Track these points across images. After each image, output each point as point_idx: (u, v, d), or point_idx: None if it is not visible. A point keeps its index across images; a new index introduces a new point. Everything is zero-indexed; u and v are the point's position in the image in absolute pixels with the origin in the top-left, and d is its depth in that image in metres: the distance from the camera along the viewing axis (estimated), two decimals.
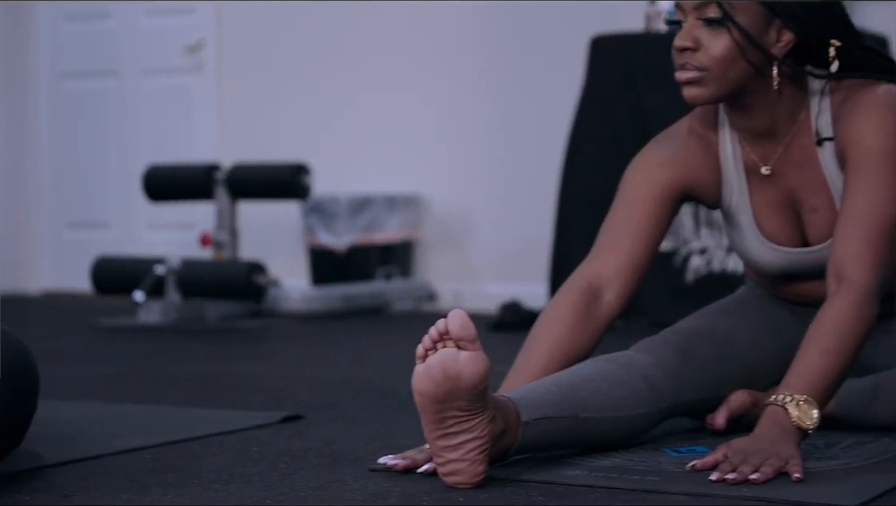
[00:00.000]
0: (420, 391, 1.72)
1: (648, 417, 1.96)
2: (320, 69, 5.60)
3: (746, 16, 1.92)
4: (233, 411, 2.49)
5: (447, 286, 5.28)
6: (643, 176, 2.07)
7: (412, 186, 5.38)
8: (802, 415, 1.77)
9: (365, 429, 2.26)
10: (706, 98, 1.96)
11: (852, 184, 1.92)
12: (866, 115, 1.94)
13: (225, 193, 4.83)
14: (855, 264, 1.87)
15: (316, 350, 3.87)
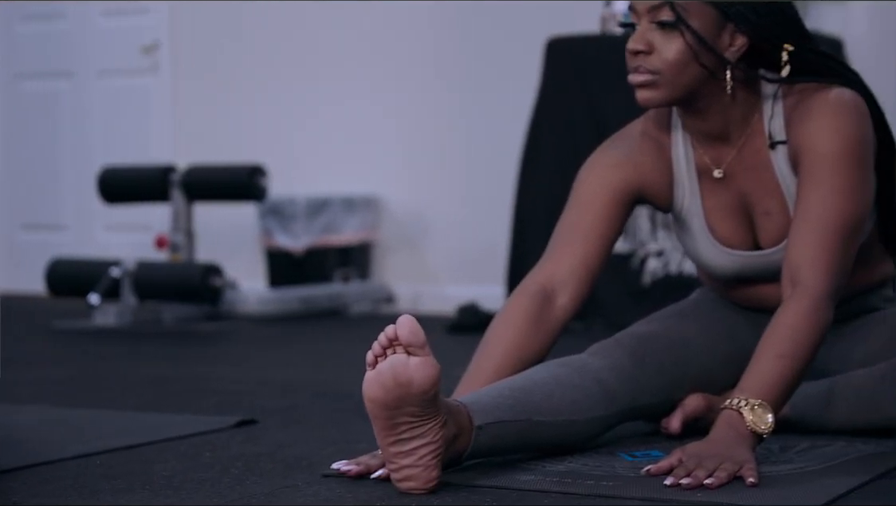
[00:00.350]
0: (371, 398, 1.71)
1: (603, 420, 1.96)
2: (277, 70, 5.57)
3: (699, 19, 1.92)
4: (186, 415, 2.47)
5: (405, 288, 5.27)
6: (595, 178, 2.06)
7: (370, 188, 5.36)
8: (757, 419, 1.77)
9: (319, 433, 2.24)
10: (659, 101, 1.96)
11: (806, 188, 1.93)
12: (819, 119, 1.94)
13: (181, 195, 4.80)
14: (810, 269, 1.87)
15: (272, 353, 3.85)
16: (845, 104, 1.95)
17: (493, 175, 4.99)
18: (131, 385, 2.95)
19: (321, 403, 2.63)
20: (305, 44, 5.52)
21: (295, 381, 3.03)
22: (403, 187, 5.34)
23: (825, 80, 1.97)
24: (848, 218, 1.90)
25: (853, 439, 2.02)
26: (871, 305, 2.18)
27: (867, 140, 1.96)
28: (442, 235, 5.26)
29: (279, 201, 5.10)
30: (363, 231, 5.27)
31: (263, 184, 4.74)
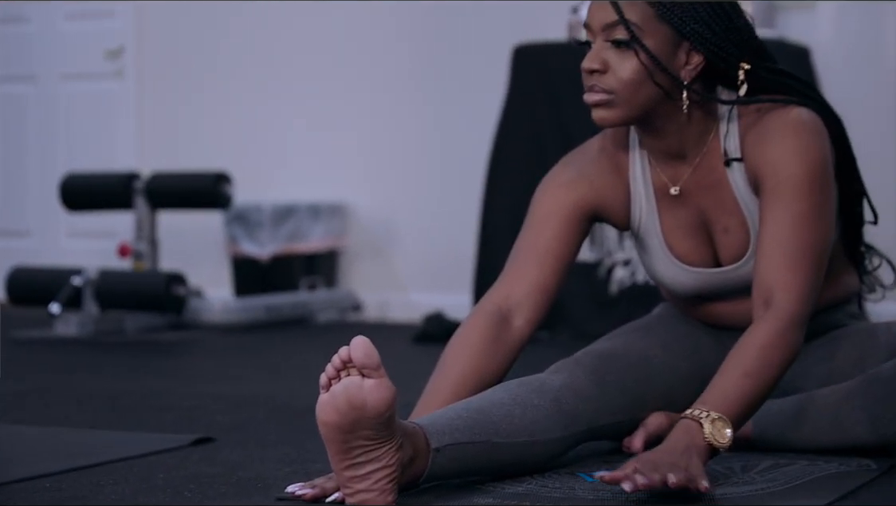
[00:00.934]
0: (325, 422, 1.68)
1: (563, 441, 1.93)
2: (243, 76, 5.53)
3: (655, 38, 1.89)
4: (142, 433, 2.42)
5: (373, 296, 5.23)
6: (551, 196, 2.03)
7: (336, 195, 5.32)
8: (716, 432, 1.74)
9: (276, 453, 2.20)
10: (615, 121, 1.93)
11: (773, 211, 1.90)
12: (779, 140, 1.92)
13: (144, 203, 4.74)
14: (783, 291, 1.85)
15: (235, 365, 3.80)
16: (804, 125, 1.93)
17: (461, 182, 4.96)
18: (86, 400, 2.90)
19: (280, 419, 2.59)
20: (272, 50, 5.47)
21: (255, 395, 2.98)
22: (370, 194, 5.30)
23: (781, 100, 1.95)
24: (817, 241, 1.88)
25: (816, 459, 1.99)
26: (837, 321, 2.16)
27: (827, 160, 1.94)
28: (409, 243, 5.22)
29: (245, 208, 5.05)
30: (330, 238, 5.23)
31: (228, 191, 4.69)
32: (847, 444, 2.00)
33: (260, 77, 5.49)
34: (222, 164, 5.12)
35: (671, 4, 1.89)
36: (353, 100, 5.32)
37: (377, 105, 5.27)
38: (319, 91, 5.38)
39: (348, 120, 5.33)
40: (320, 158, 5.38)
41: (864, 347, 2.10)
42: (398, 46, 5.22)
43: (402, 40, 5.22)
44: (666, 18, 1.89)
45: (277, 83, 5.46)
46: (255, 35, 5.50)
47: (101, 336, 4.43)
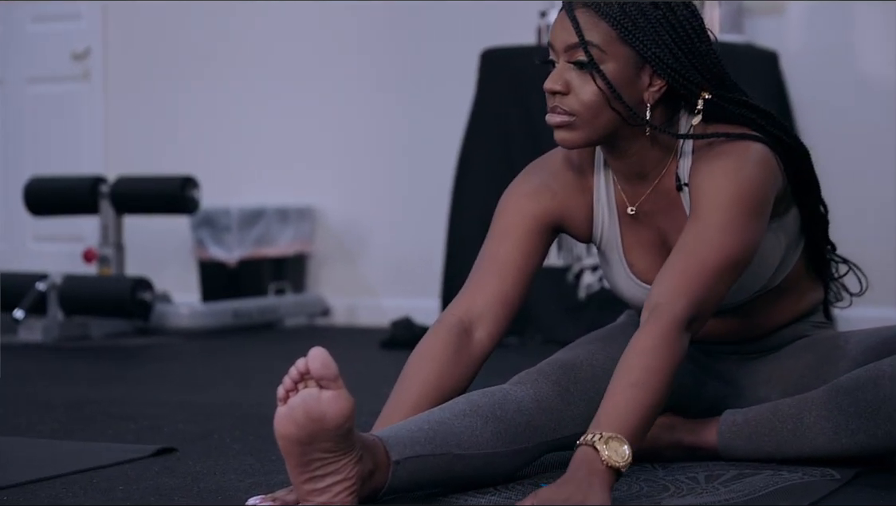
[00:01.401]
0: (283, 435, 1.66)
1: (526, 452, 1.91)
2: (211, 78, 5.50)
3: (617, 60, 1.88)
4: (103, 443, 2.40)
5: (341, 301, 5.21)
6: (513, 207, 2.02)
7: (305, 199, 5.29)
8: (613, 453, 1.69)
9: (239, 463, 2.18)
10: (577, 143, 1.92)
11: (687, 224, 1.89)
12: (716, 162, 1.91)
13: (110, 207, 4.71)
14: (668, 295, 1.81)
15: (201, 371, 3.77)
16: (747, 154, 1.92)
17: (430, 186, 4.95)
18: (48, 408, 2.87)
19: (244, 428, 2.56)
20: (240, 53, 5.44)
21: (220, 403, 2.96)
22: (339, 198, 5.28)
23: (738, 136, 1.93)
24: (723, 255, 1.84)
25: (779, 469, 1.99)
26: (802, 331, 2.16)
27: (761, 187, 1.91)
28: (378, 247, 5.20)
29: (213, 212, 5.02)
30: (298, 243, 5.20)
31: (195, 196, 4.66)
32: (809, 454, 1.99)
33: (228, 80, 5.46)
34: (190, 167, 5.09)
35: (634, 27, 1.88)
36: (321, 103, 5.30)
37: (346, 109, 5.25)
38: (288, 94, 5.36)
39: (317, 123, 5.31)
40: (289, 161, 5.36)
41: (828, 357, 2.10)
42: (367, 50, 5.21)
43: (370, 44, 5.20)
44: (628, 41, 1.88)
45: (246, 86, 5.43)
46: (223, 38, 5.47)
47: (66, 342, 4.39)
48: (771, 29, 4.50)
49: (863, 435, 1.94)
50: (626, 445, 1.70)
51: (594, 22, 1.88)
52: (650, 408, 1.74)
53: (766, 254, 2.01)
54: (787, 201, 2.03)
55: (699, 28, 1.92)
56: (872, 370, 1.95)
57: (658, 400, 1.75)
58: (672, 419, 2.10)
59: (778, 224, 2.02)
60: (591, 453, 1.70)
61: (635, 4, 1.89)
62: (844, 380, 1.98)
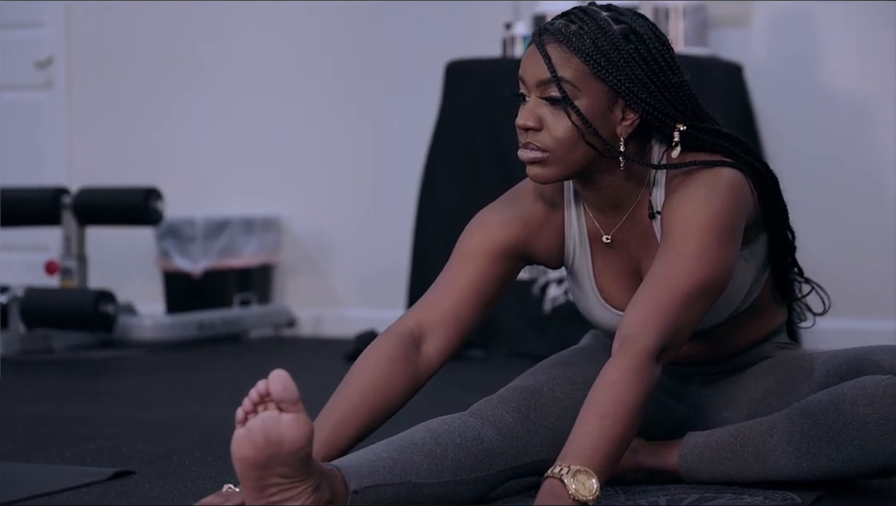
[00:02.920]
0: (240, 457, 1.64)
1: (486, 480, 1.90)
2: (176, 88, 5.46)
3: (590, 96, 1.87)
4: (59, 465, 2.36)
5: (307, 311, 5.18)
6: (481, 233, 2.00)
7: (270, 209, 5.26)
8: (580, 487, 1.67)
9: (197, 487, 2.15)
10: (551, 178, 1.91)
11: (659, 253, 1.88)
12: (687, 191, 1.91)
13: (72, 219, 4.66)
14: (639, 325, 1.79)
15: (164, 387, 3.73)
16: (720, 180, 1.91)
17: (395, 197, 4.93)
18: (5, 428, 2.83)
19: (204, 448, 2.54)
20: (205, 62, 5.41)
21: (181, 421, 2.93)
22: (304, 208, 5.25)
23: (711, 164, 1.92)
24: (695, 282, 1.83)
25: (741, 493, 1.98)
26: (766, 352, 2.15)
27: (733, 212, 1.90)
28: (344, 258, 5.18)
29: (177, 222, 4.98)
30: (263, 253, 5.17)
31: (159, 207, 4.63)
32: (771, 477, 1.98)
33: (194, 90, 5.43)
34: (154, 177, 5.06)
35: (607, 63, 1.86)
36: (287, 114, 5.27)
37: (311, 119, 5.23)
38: (253, 104, 5.33)
39: (282, 134, 5.29)
40: (254, 171, 5.33)
41: (792, 379, 2.09)
42: (333, 61, 5.18)
43: (337, 55, 5.18)
44: (601, 76, 1.86)
45: (211, 96, 5.40)
46: (188, 48, 5.44)
47: (27, 355, 4.34)
48: (735, 41, 4.51)
49: (824, 459, 1.94)
50: (595, 478, 1.68)
51: (566, 57, 1.86)
52: (619, 441, 1.72)
53: (737, 280, 2.00)
54: (757, 227, 2.03)
55: (671, 60, 1.91)
56: (835, 394, 1.95)
57: (627, 432, 1.73)
58: (634, 442, 2.08)
59: (749, 251, 2.02)
60: (558, 486, 1.68)
61: (607, 38, 1.87)
62: (807, 403, 1.98)
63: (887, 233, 4.36)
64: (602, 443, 1.70)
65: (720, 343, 2.10)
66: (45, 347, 4.46)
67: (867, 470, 1.93)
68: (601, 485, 1.69)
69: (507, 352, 4.14)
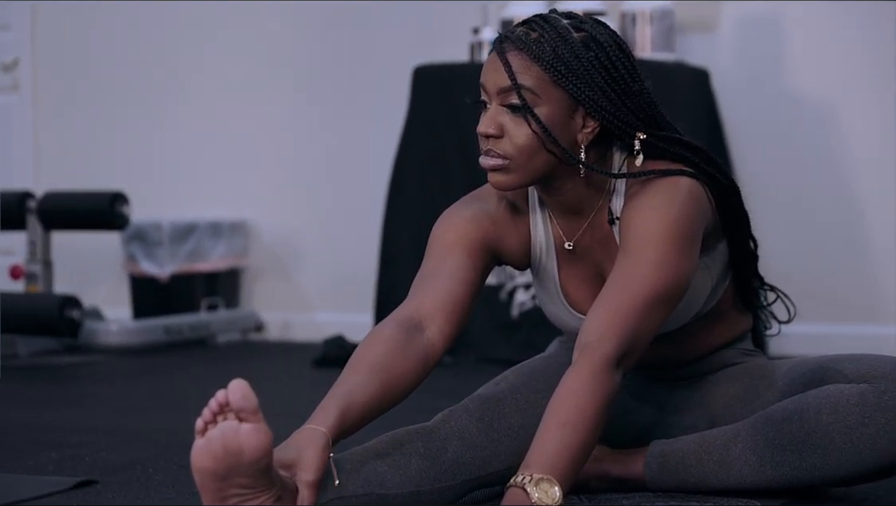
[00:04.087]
0: (199, 468, 1.63)
1: (452, 490, 1.89)
2: (143, 91, 5.43)
3: (550, 104, 1.87)
4: (18, 475, 2.34)
5: (275, 316, 5.16)
6: (453, 228, 1.99)
7: (238, 213, 5.24)
8: (543, 495, 1.67)
9: (160, 496, 2.14)
10: (512, 185, 1.91)
11: (617, 260, 1.89)
12: (644, 199, 1.91)
13: (38, 223, 4.63)
14: (598, 332, 1.80)
15: (129, 392, 3.71)
16: (677, 188, 1.91)
17: (363, 201, 4.92)
18: None
19: (168, 456, 2.52)
20: (171, 65, 5.38)
21: (145, 427, 2.91)
22: (272, 213, 5.23)
23: (670, 172, 1.92)
24: (654, 289, 1.83)
25: (705, 500, 1.98)
26: (729, 359, 2.16)
27: (690, 220, 1.90)
28: (312, 262, 5.17)
29: (144, 227, 4.95)
30: (231, 257, 5.15)
31: (125, 212, 4.60)
32: (734, 485, 1.98)
33: (160, 93, 5.40)
34: (121, 180, 5.03)
35: (567, 70, 1.86)
36: (254, 117, 5.25)
37: (279, 123, 5.21)
38: (221, 108, 5.31)
39: (250, 138, 5.27)
40: (221, 175, 5.31)
41: (756, 387, 2.09)
42: (300, 65, 5.17)
43: (304, 59, 5.16)
44: (561, 84, 1.86)
45: (178, 100, 5.37)
46: (155, 51, 5.41)
47: None
48: (702, 47, 4.52)
49: (788, 467, 1.94)
50: (557, 486, 1.68)
51: (527, 65, 1.86)
52: (581, 448, 1.72)
53: (696, 287, 2.00)
54: (716, 235, 2.03)
55: (632, 68, 1.92)
56: (798, 402, 1.95)
57: (589, 440, 1.73)
58: (599, 450, 2.09)
59: (709, 258, 2.02)
60: (520, 494, 1.67)
61: (567, 46, 1.87)
62: (771, 412, 1.98)
63: (854, 235, 4.38)
64: (564, 451, 1.70)
65: (681, 347, 2.10)
66: (9, 353, 4.42)
67: (830, 478, 1.94)
68: (564, 493, 1.69)
69: (475, 358, 4.14)
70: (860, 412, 1.86)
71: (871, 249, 4.37)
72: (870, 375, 1.90)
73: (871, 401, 1.86)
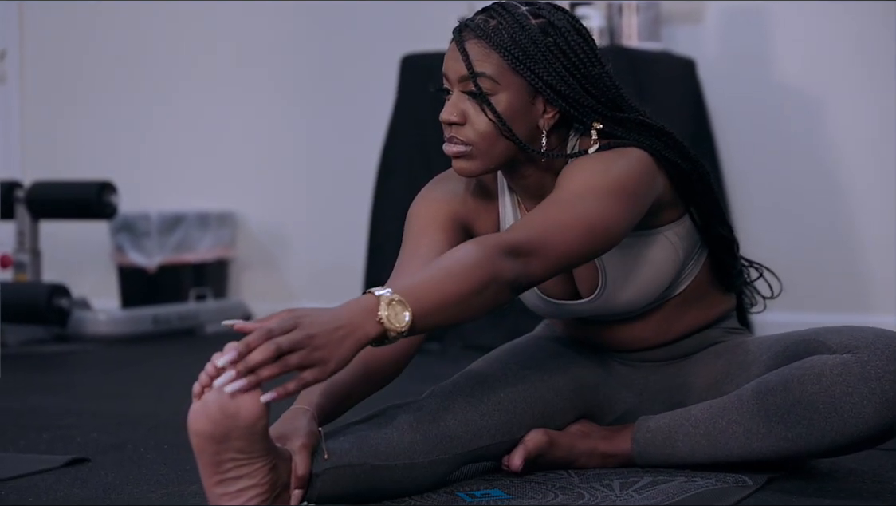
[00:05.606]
0: (196, 431, 1.64)
1: (443, 463, 1.91)
2: (130, 82, 5.43)
3: (510, 90, 1.89)
4: (12, 453, 2.35)
5: (263, 306, 5.17)
6: (425, 208, 2.02)
7: (226, 204, 5.25)
8: (392, 315, 1.63)
9: (152, 473, 2.15)
10: (475, 171, 1.93)
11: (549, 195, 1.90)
12: (585, 159, 1.93)
13: (26, 213, 4.63)
14: (517, 224, 1.83)
15: (118, 379, 3.72)
16: (620, 151, 1.93)
17: (351, 192, 4.93)
18: None
19: (158, 437, 2.54)
20: (159, 56, 5.39)
21: (137, 412, 2.92)
22: (260, 203, 5.24)
23: (623, 144, 1.94)
24: (571, 214, 1.82)
25: (693, 475, 2.00)
26: (715, 337, 2.18)
27: (630, 174, 1.90)
28: (300, 252, 5.18)
29: (132, 217, 4.96)
30: (219, 248, 5.16)
31: (113, 201, 4.61)
32: (722, 458, 2.00)
33: (148, 84, 5.41)
34: (109, 171, 5.03)
35: (525, 57, 1.89)
36: (242, 108, 5.26)
37: (266, 114, 5.22)
38: (208, 99, 5.32)
39: (237, 128, 5.28)
40: (209, 166, 5.32)
41: (740, 362, 2.11)
42: (287, 54, 5.18)
43: (290, 48, 5.17)
44: (519, 71, 1.89)
45: (165, 90, 5.38)
46: (142, 41, 5.42)
47: None
48: (688, 36, 4.55)
49: (774, 439, 1.96)
50: (409, 312, 1.64)
51: (486, 53, 1.89)
52: (447, 295, 1.68)
53: (659, 261, 2.02)
54: (674, 210, 2.04)
55: (590, 52, 1.94)
56: (783, 374, 1.97)
57: (459, 294, 1.69)
58: (587, 427, 2.11)
59: (671, 233, 2.03)
60: (371, 302, 1.63)
61: (525, 32, 1.89)
62: (756, 384, 2.00)
63: (839, 226, 4.41)
64: (431, 289, 1.67)
65: (661, 327, 2.12)
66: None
67: (816, 448, 1.95)
68: (411, 324, 1.65)
69: (462, 345, 4.15)
70: (844, 382, 1.89)
71: (856, 238, 4.40)
72: (853, 346, 1.92)
73: (854, 371, 1.88)
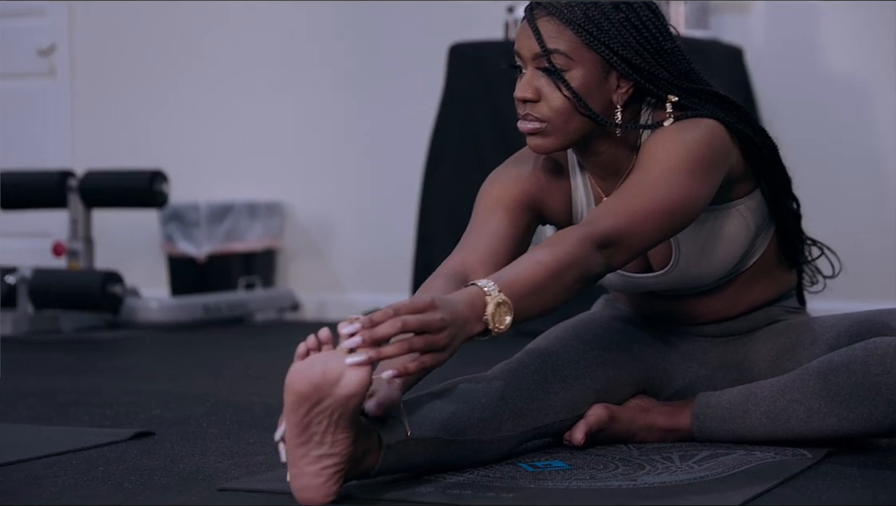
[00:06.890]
0: (294, 389, 1.63)
1: (509, 440, 1.93)
2: (179, 74, 5.49)
3: (584, 66, 1.91)
4: (80, 427, 2.40)
5: (311, 296, 5.22)
6: (497, 187, 2.05)
7: (274, 194, 5.30)
8: (498, 315, 1.71)
9: (217, 446, 2.19)
10: (550, 148, 1.96)
11: (630, 176, 1.94)
12: (661, 132, 1.96)
13: (79, 201, 4.70)
14: (595, 215, 1.87)
15: (173, 363, 3.77)
16: (695, 122, 1.96)
17: (398, 181, 4.97)
18: (22, 397, 2.87)
19: (221, 414, 2.58)
20: (207, 47, 5.44)
21: (195, 392, 2.96)
22: (308, 193, 5.29)
23: (695, 114, 1.97)
24: (655, 200, 1.87)
25: (752, 449, 2.02)
26: (775, 316, 2.19)
27: (706, 150, 1.93)
28: (347, 242, 5.22)
29: (181, 207, 5.02)
30: (267, 238, 5.21)
31: (164, 190, 4.66)
32: (781, 436, 2.02)
33: (197, 74, 5.46)
34: (158, 162, 5.09)
35: (599, 32, 1.91)
36: (290, 99, 5.31)
37: (315, 104, 5.27)
38: (256, 90, 5.36)
39: (286, 119, 5.32)
40: (258, 157, 5.36)
41: (801, 341, 2.13)
42: (335, 46, 5.22)
43: (338, 40, 5.21)
44: (593, 46, 1.91)
45: (214, 81, 5.43)
46: (191, 32, 5.47)
47: (36, 335, 4.38)
48: (736, 25, 4.55)
49: (835, 418, 1.97)
50: (511, 317, 1.72)
51: (559, 29, 1.91)
52: (548, 298, 1.77)
53: (731, 235, 2.05)
54: (747, 183, 2.06)
55: (662, 27, 1.96)
56: (846, 355, 1.98)
57: (556, 295, 1.77)
58: (646, 402, 2.13)
59: (744, 207, 2.05)
60: (479, 298, 1.70)
61: (598, 8, 1.91)
62: (818, 364, 2.01)
63: (887, 215, 4.40)
64: (529, 282, 1.74)
65: (728, 301, 2.14)
66: (52, 328, 4.49)
67: (877, 429, 1.97)
68: (510, 326, 1.73)
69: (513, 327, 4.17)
70: None
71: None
72: None
73: None
